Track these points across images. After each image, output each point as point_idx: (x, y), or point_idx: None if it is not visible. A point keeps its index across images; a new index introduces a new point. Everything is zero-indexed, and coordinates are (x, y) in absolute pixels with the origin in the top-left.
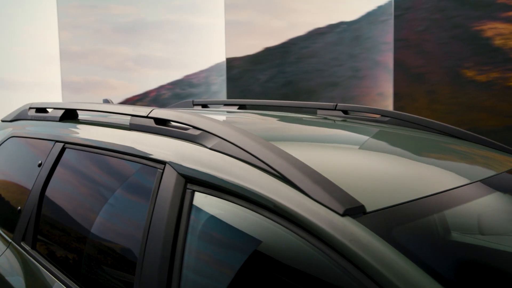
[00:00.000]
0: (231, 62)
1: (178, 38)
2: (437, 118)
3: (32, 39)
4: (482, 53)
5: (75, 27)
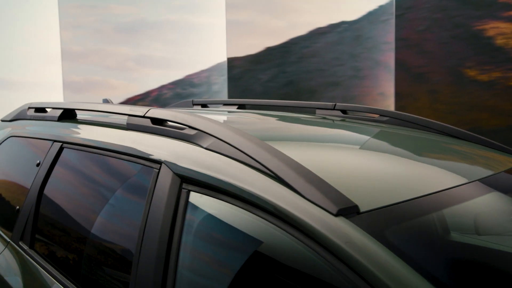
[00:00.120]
0: (232, 62)
1: (179, 38)
2: (438, 118)
3: (34, 39)
4: (484, 52)
5: (76, 27)
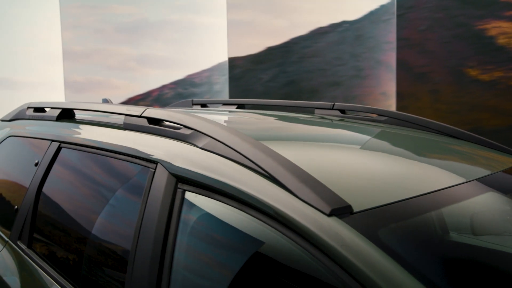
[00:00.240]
0: (233, 62)
1: (180, 37)
2: (440, 118)
3: (35, 39)
4: (486, 52)
5: (78, 27)
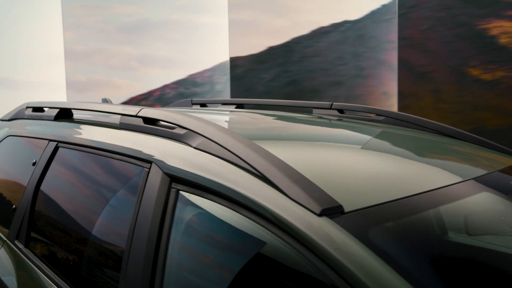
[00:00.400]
0: (234, 61)
1: (182, 37)
2: (442, 117)
3: (37, 39)
4: (488, 51)
5: (79, 27)
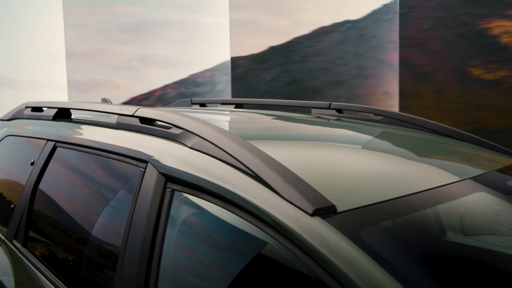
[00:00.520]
0: (235, 61)
1: (183, 37)
2: (443, 117)
3: (38, 39)
4: (489, 51)
5: (81, 27)
